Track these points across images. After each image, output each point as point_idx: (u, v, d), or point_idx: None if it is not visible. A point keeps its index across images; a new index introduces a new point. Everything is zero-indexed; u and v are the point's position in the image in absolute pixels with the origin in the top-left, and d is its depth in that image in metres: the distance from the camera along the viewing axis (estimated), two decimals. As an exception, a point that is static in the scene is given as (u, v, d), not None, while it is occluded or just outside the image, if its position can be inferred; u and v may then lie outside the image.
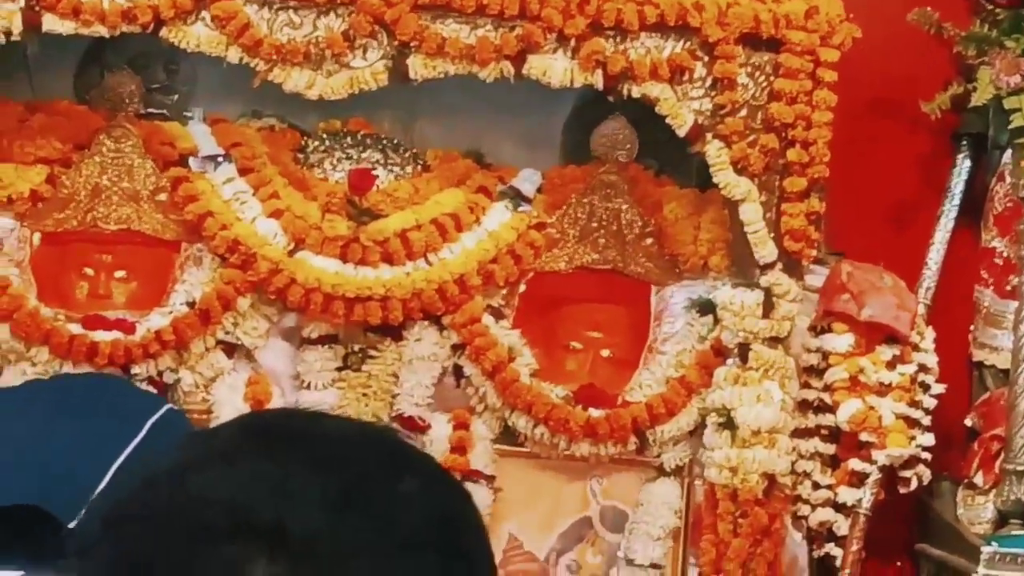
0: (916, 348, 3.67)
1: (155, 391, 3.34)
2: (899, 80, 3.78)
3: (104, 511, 0.94)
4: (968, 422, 3.83)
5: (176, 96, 3.70)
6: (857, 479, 3.64)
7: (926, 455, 3.65)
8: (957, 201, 3.81)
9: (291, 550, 0.89)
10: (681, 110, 3.51)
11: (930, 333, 3.70)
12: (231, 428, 0.97)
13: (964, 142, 3.80)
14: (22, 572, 1.27)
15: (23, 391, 1.50)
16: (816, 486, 3.65)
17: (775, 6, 3.53)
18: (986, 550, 3.57)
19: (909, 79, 3.76)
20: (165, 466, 0.94)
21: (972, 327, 3.84)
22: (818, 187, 3.54)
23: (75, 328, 3.43)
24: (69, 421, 1.40)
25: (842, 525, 3.64)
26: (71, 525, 1.28)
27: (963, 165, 3.80)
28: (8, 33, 3.34)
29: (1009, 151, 3.76)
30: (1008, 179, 3.79)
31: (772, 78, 3.52)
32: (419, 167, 3.68)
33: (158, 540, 0.91)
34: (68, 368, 3.40)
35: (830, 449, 3.66)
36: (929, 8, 3.70)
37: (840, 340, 3.64)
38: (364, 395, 3.54)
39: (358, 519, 0.91)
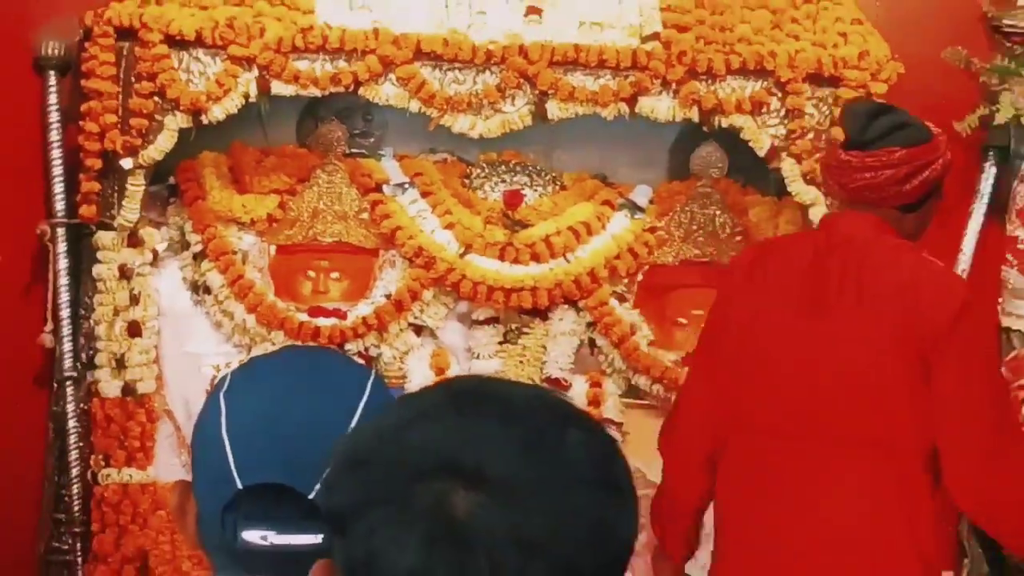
0: None
1: (363, 362, 3.56)
2: (936, 105, 3.60)
3: (343, 457, 0.94)
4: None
5: (372, 139, 3.72)
6: None
7: None
8: (986, 200, 3.77)
9: (486, 485, 0.88)
10: (761, 136, 3.54)
11: None
12: (435, 392, 0.96)
13: (990, 153, 3.76)
14: (321, 536, 1.19)
15: (273, 361, 1.40)
16: None
17: (834, 51, 3.55)
18: None
19: (944, 104, 3.63)
20: (387, 422, 0.93)
21: (1000, 300, 3.77)
22: None
23: (302, 316, 3.52)
24: (307, 394, 1.28)
25: None
26: (312, 495, 1.21)
27: (990, 172, 3.76)
28: (247, 96, 3.42)
29: None
30: None
31: (833, 108, 3.52)
32: (557, 187, 3.70)
33: (385, 480, 0.90)
34: (297, 347, 3.56)
35: None
36: (959, 47, 3.65)
37: None
38: (520, 363, 3.58)
39: (537, 461, 0.89)
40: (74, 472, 3.52)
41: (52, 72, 3.46)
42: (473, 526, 0.86)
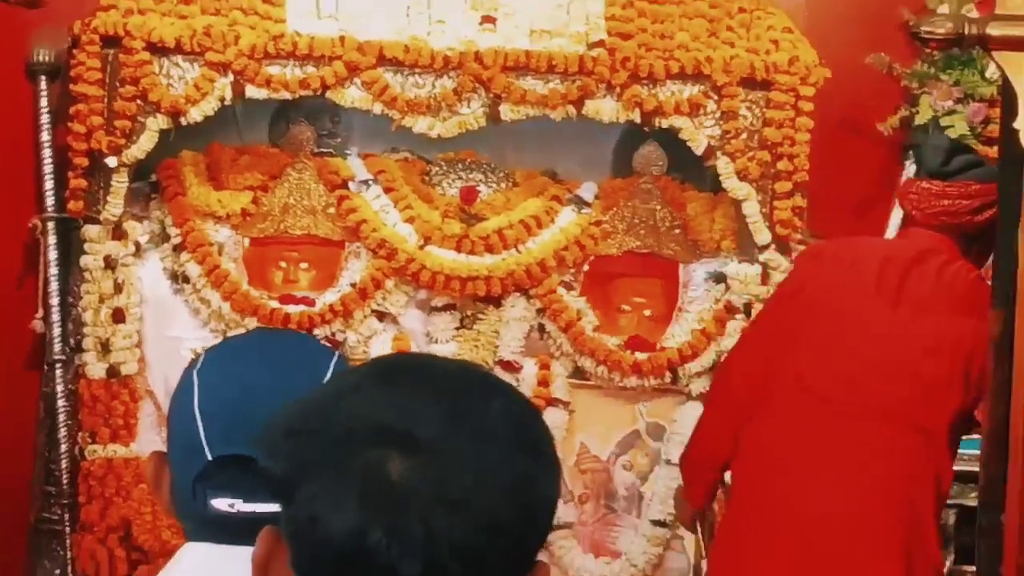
0: None
1: (330, 345, 3.58)
2: (860, 107, 3.71)
3: (283, 427, 0.92)
4: None
5: (339, 139, 3.71)
6: None
7: None
8: None
9: (416, 449, 0.87)
10: (698, 136, 3.57)
11: None
12: (366, 367, 0.96)
13: (910, 152, 3.73)
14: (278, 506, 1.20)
15: (242, 342, 1.45)
16: None
17: (766, 57, 3.56)
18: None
19: (867, 106, 3.71)
20: (324, 394, 0.93)
21: None
22: (800, 188, 3.59)
23: (274, 304, 3.53)
24: (273, 373, 1.26)
25: None
26: None
27: (909, 169, 3.72)
28: (223, 99, 3.47)
29: None
30: None
31: (765, 110, 3.56)
32: (510, 183, 3.70)
33: (323, 447, 0.89)
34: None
35: None
36: (882, 53, 3.64)
37: None
38: (475, 347, 3.58)
39: (460, 426, 0.89)
40: (63, 448, 3.55)
41: (43, 77, 3.50)
42: (405, 488, 0.86)
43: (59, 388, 3.55)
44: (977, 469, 2.60)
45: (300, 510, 0.88)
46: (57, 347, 3.56)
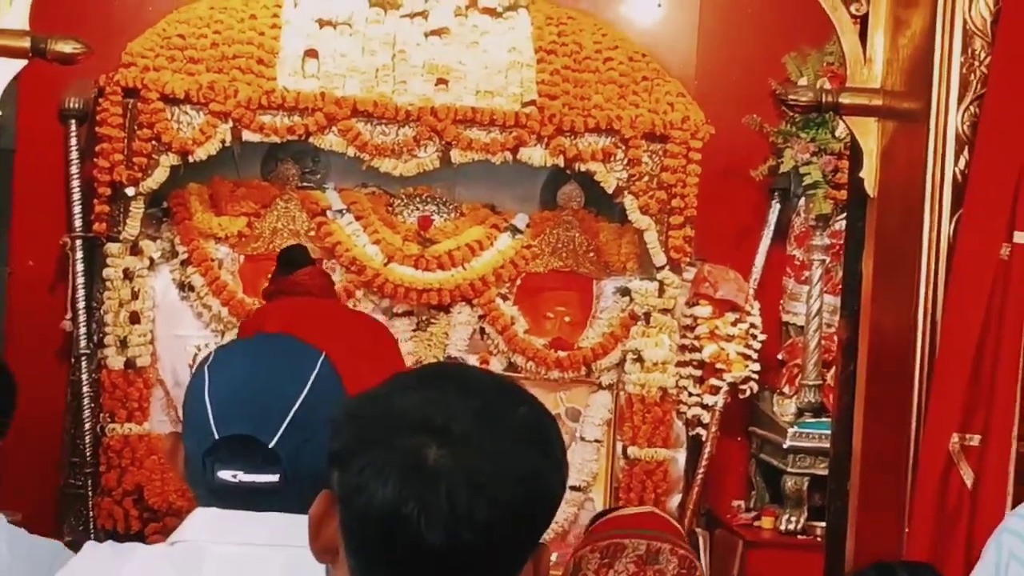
0: (748, 313, 3.74)
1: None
2: (737, 157, 3.74)
3: (346, 413, 0.90)
4: (779, 356, 3.83)
5: (319, 176, 3.70)
6: (714, 390, 3.69)
7: (755, 376, 3.72)
8: (772, 228, 3.80)
9: (450, 441, 0.85)
10: (609, 178, 3.61)
11: (756, 305, 3.77)
12: (418, 372, 0.93)
13: (776, 193, 3.79)
14: (277, 476, 1.17)
15: (246, 344, 1.39)
16: (690, 395, 3.71)
17: (664, 116, 3.60)
18: (791, 431, 3.62)
19: (744, 156, 3.74)
20: (380, 391, 0.91)
21: (781, 301, 3.84)
22: (689, 221, 3.63)
23: None
24: (269, 369, 1.24)
25: (706, 417, 3.69)
26: (271, 444, 1.16)
27: (775, 207, 3.79)
28: (224, 141, 3.49)
29: (803, 199, 3.75)
30: (802, 215, 3.76)
31: (662, 158, 3.59)
32: (458, 214, 3.70)
33: (375, 430, 0.87)
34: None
35: (698, 373, 3.72)
36: (755, 115, 3.67)
37: (704, 309, 3.71)
38: (428, 346, 3.61)
39: (487, 425, 0.87)
40: (86, 426, 3.52)
41: (73, 121, 3.48)
42: (437, 471, 0.85)
43: (84, 377, 3.53)
44: (828, 446, 2.62)
45: (351, 479, 0.87)
46: (83, 343, 3.53)
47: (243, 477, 1.17)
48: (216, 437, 1.18)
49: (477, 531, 0.84)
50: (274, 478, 1.16)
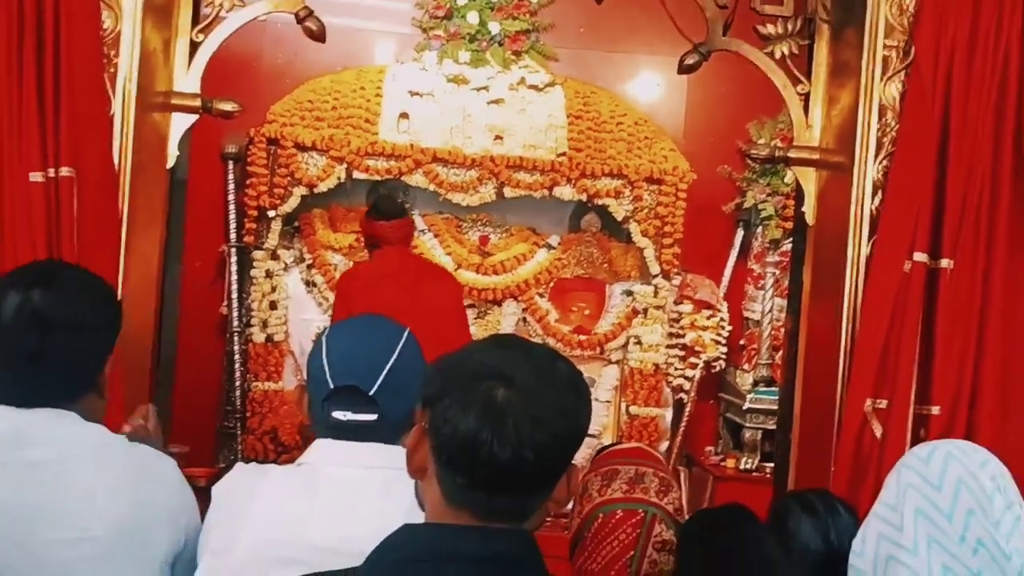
0: (719, 311, 3.68)
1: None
2: (712, 196, 3.71)
3: (437, 366, 0.89)
4: (741, 342, 3.70)
5: (409, 204, 3.57)
6: (693, 366, 3.65)
7: (723, 356, 3.67)
8: (737, 249, 3.78)
9: (514, 387, 0.85)
10: (619, 209, 3.58)
11: (725, 305, 3.71)
12: (490, 338, 0.93)
13: (741, 223, 3.77)
14: (375, 416, 1.14)
15: (352, 321, 1.28)
16: (676, 369, 3.65)
17: (659, 164, 3.57)
18: (749, 396, 3.60)
19: (717, 196, 3.72)
20: (463, 350, 0.90)
21: (743, 302, 3.78)
22: (677, 243, 3.59)
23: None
24: (367, 338, 1.18)
25: (687, 385, 3.64)
26: (371, 392, 1.14)
27: (740, 234, 3.78)
28: (340, 178, 3.48)
29: (760, 227, 3.71)
30: (760, 239, 3.72)
31: (658, 196, 3.56)
32: (509, 234, 3.65)
33: (459, 379, 0.87)
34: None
35: (681, 353, 3.66)
36: (726, 165, 3.67)
37: (687, 307, 3.67)
38: (485, 330, 3.48)
39: (540, 376, 0.86)
40: (237, 384, 3.53)
41: (230, 161, 3.52)
42: (505, 408, 0.84)
43: (236, 348, 3.54)
44: (776, 408, 2.61)
45: (439, 415, 0.86)
46: (235, 323, 3.55)
47: (350, 416, 1.17)
48: (331, 387, 1.18)
49: (535, 451, 0.85)
50: (372, 417, 1.17)
